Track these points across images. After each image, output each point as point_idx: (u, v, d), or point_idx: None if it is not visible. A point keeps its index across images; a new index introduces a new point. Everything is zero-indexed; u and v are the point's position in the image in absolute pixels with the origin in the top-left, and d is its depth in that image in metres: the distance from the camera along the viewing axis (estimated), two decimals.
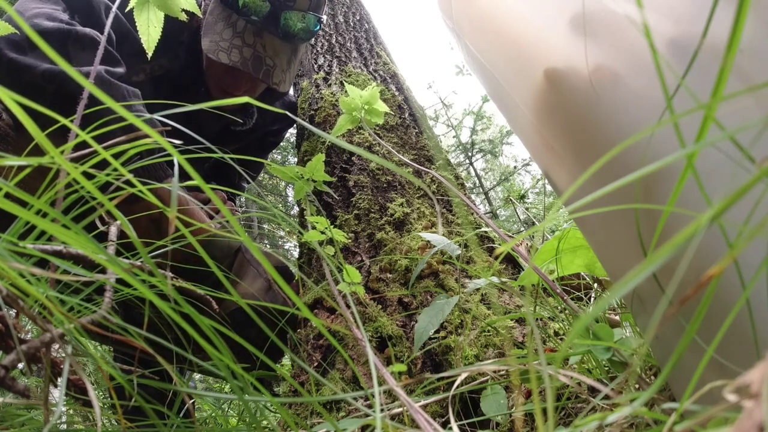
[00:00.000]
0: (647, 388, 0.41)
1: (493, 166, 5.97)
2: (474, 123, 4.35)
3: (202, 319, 0.26)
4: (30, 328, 0.95)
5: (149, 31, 0.59)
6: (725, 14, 0.23)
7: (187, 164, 0.25)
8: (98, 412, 0.28)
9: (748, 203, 0.25)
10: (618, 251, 0.39)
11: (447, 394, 0.46)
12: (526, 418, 0.51)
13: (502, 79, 0.50)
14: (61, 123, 0.29)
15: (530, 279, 0.59)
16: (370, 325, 0.70)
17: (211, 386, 2.07)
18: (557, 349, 0.58)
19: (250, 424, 0.64)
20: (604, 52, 0.35)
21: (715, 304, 0.28)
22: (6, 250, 0.28)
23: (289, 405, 0.69)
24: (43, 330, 0.28)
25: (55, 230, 0.25)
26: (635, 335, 0.46)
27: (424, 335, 0.60)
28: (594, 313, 0.19)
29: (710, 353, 0.23)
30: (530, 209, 3.19)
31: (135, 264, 0.34)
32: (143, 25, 0.59)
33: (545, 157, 0.47)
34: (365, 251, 0.85)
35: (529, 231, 0.43)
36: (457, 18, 0.58)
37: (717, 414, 0.18)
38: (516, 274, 0.84)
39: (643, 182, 0.33)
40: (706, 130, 0.21)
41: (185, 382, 0.94)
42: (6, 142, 0.74)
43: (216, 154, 0.40)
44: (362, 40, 1.44)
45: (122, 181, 0.38)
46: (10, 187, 0.25)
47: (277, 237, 4.97)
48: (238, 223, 0.25)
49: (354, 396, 0.38)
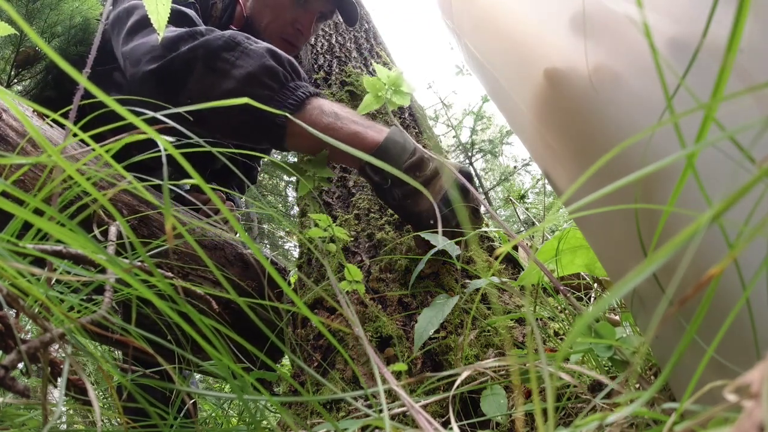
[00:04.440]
0: (648, 387, 0.41)
1: (493, 166, 5.97)
2: (474, 123, 4.35)
3: (202, 318, 0.26)
4: (30, 328, 0.95)
5: (158, 9, 0.57)
6: (725, 14, 0.23)
7: (186, 164, 0.25)
8: (98, 412, 0.28)
9: (748, 203, 0.25)
10: (618, 251, 0.39)
11: (447, 393, 0.46)
12: (526, 418, 0.51)
13: (502, 79, 0.50)
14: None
15: (530, 279, 0.59)
16: (370, 325, 0.70)
17: (211, 386, 2.07)
18: (557, 349, 0.58)
19: (250, 424, 0.64)
20: (604, 52, 0.35)
21: (715, 304, 0.28)
22: (6, 250, 0.28)
23: (289, 405, 0.69)
24: (43, 330, 0.28)
25: (54, 229, 0.25)
26: (635, 335, 0.46)
27: (424, 335, 0.60)
28: (594, 313, 0.19)
29: (710, 353, 0.23)
30: (530, 209, 3.19)
31: (135, 264, 0.34)
32: (151, 4, 0.57)
33: (545, 157, 0.47)
34: (365, 251, 0.85)
35: (529, 231, 0.43)
36: (457, 18, 0.58)
37: (717, 414, 0.18)
38: (516, 274, 0.84)
39: (643, 182, 0.33)
40: (706, 130, 0.21)
41: (186, 382, 0.94)
42: (6, 142, 0.74)
43: (221, 149, 0.40)
44: (362, 40, 1.44)
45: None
46: (8, 186, 0.25)
47: (277, 237, 4.97)
48: (238, 221, 0.25)
49: (354, 396, 0.38)
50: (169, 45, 0.81)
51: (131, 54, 0.86)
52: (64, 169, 0.24)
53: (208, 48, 0.79)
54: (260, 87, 0.77)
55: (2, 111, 0.74)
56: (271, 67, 0.78)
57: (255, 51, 0.80)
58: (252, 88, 0.77)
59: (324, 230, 0.74)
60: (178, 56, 0.80)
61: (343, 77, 1.25)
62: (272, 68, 0.78)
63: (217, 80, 0.78)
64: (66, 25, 1.23)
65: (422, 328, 0.61)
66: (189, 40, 0.81)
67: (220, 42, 0.80)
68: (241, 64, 0.78)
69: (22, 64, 1.34)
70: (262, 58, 0.78)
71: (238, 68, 0.78)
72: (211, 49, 0.79)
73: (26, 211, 0.23)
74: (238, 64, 0.78)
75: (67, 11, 1.23)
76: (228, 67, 0.78)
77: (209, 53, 0.79)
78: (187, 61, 0.79)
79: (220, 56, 0.79)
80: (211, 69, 0.79)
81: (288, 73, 0.80)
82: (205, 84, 0.79)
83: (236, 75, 0.78)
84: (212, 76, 0.79)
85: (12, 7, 0.24)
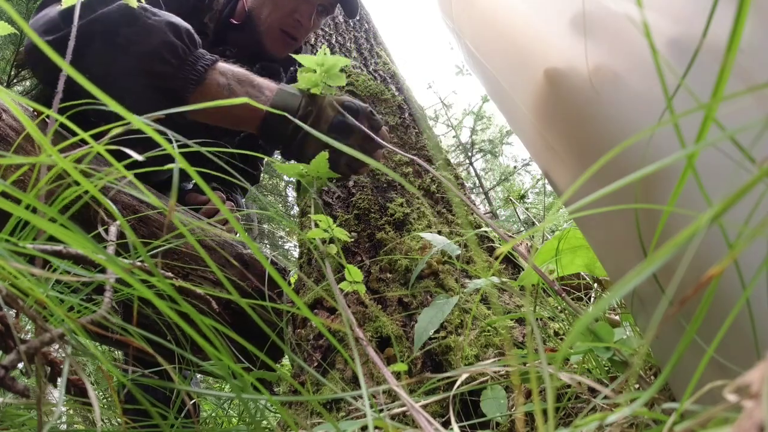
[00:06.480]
0: (647, 387, 0.41)
1: (493, 166, 5.97)
2: (474, 123, 4.35)
3: (202, 318, 0.26)
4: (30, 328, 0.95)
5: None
6: (725, 14, 0.23)
7: (186, 163, 0.25)
8: (98, 412, 0.28)
9: (748, 203, 0.25)
10: (618, 251, 0.39)
11: (447, 394, 0.46)
12: (527, 418, 0.51)
13: (502, 79, 0.50)
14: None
15: (530, 279, 0.59)
16: (370, 325, 0.70)
17: (211, 386, 2.07)
18: (557, 349, 0.58)
19: (250, 424, 0.64)
20: (604, 52, 0.35)
21: (715, 304, 0.28)
22: (6, 250, 0.28)
23: (289, 405, 0.69)
24: (42, 330, 0.28)
25: (54, 229, 0.25)
26: (635, 335, 0.46)
27: (424, 335, 0.60)
28: (594, 313, 0.19)
29: (710, 353, 0.23)
30: (530, 209, 3.19)
31: (135, 264, 0.34)
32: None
33: (545, 157, 0.47)
34: (365, 251, 0.85)
35: (529, 231, 0.43)
36: (457, 18, 0.58)
37: (717, 414, 0.18)
38: (516, 274, 0.84)
39: (644, 182, 0.33)
40: (706, 130, 0.21)
41: (187, 383, 0.94)
42: (6, 142, 0.74)
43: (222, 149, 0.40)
44: (362, 40, 1.44)
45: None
46: (7, 185, 0.25)
47: (277, 237, 4.97)
48: (238, 221, 0.25)
49: (354, 395, 0.38)
50: (67, 16, 0.79)
51: (33, 25, 0.84)
52: (54, 167, 0.24)
53: (105, 23, 0.78)
54: (161, 63, 0.77)
55: (2, 111, 0.74)
56: (171, 42, 0.78)
57: (154, 26, 0.79)
58: (152, 65, 0.77)
59: (325, 231, 0.74)
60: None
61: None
62: (172, 44, 0.78)
63: (116, 57, 0.77)
64: None
65: (422, 328, 0.61)
66: (86, 12, 0.78)
67: (117, 16, 0.78)
68: (140, 40, 0.77)
69: (22, 64, 1.34)
70: (162, 34, 0.78)
71: (137, 44, 0.77)
72: (110, 24, 0.78)
73: (22, 209, 0.23)
74: (137, 40, 0.77)
75: None
76: (127, 43, 0.77)
77: (107, 28, 0.78)
78: (84, 34, 0.76)
79: (119, 31, 0.78)
80: (109, 45, 0.78)
81: (186, 46, 0.80)
82: (104, 60, 0.78)
83: (136, 51, 0.77)
84: (111, 53, 0.78)
85: (12, 7, 0.24)
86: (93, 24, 0.78)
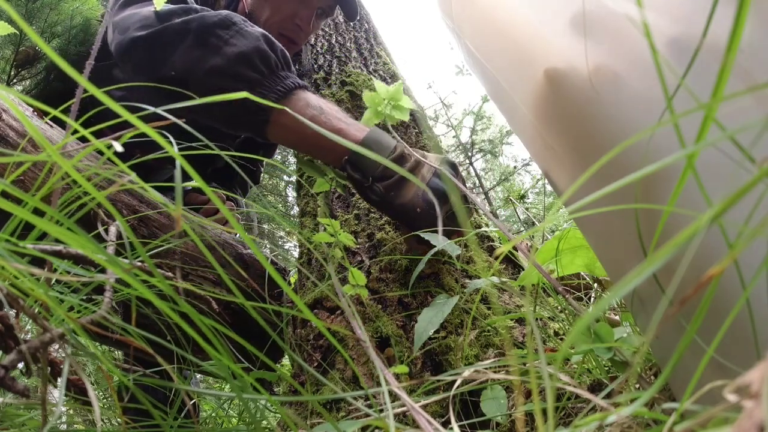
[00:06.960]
0: (648, 387, 0.41)
1: (493, 166, 5.97)
2: (474, 123, 4.35)
3: (201, 318, 0.26)
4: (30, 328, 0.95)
5: None
6: (725, 14, 0.23)
7: (186, 164, 0.25)
8: (98, 412, 0.28)
9: (748, 203, 0.25)
10: (618, 251, 0.39)
11: (447, 394, 0.46)
12: (527, 418, 0.51)
13: (502, 79, 0.50)
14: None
15: (530, 279, 0.59)
16: (370, 325, 0.70)
17: (211, 386, 2.07)
18: (557, 349, 0.58)
19: (250, 424, 0.64)
20: (604, 52, 0.35)
21: (715, 304, 0.28)
22: (6, 250, 0.28)
23: (289, 405, 0.69)
24: (43, 330, 0.28)
25: (54, 229, 0.25)
26: (635, 335, 0.46)
27: (424, 335, 0.60)
28: (594, 313, 0.19)
29: (710, 353, 0.23)
30: (530, 209, 3.19)
31: (134, 264, 0.34)
32: None
33: (545, 157, 0.47)
34: (365, 251, 0.85)
35: (529, 231, 0.43)
36: (457, 18, 0.58)
37: (717, 414, 0.18)
38: (516, 274, 0.84)
39: (644, 182, 0.33)
40: (706, 130, 0.21)
41: (187, 383, 0.94)
42: (6, 142, 0.74)
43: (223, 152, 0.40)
44: (362, 40, 1.44)
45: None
46: (8, 186, 0.25)
47: (277, 237, 4.97)
48: (238, 221, 0.25)
49: (354, 396, 0.38)
50: (164, 16, 0.80)
51: (121, 22, 0.84)
52: (63, 167, 0.24)
53: (202, 22, 0.78)
54: (250, 68, 0.76)
55: (2, 111, 0.74)
56: (264, 51, 0.77)
57: (250, 33, 0.78)
58: (241, 68, 0.75)
59: (331, 235, 0.74)
60: (171, 26, 0.79)
61: (343, 77, 1.25)
62: (265, 52, 0.77)
63: (205, 55, 0.77)
64: (66, 25, 1.23)
65: (422, 328, 0.61)
66: (183, 14, 0.80)
67: (215, 19, 0.79)
68: (235, 43, 0.77)
69: (22, 63, 1.34)
70: (257, 41, 0.77)
71: (230, 46, 0.77)
72: (206, 24, 0.78)
73: (24, 210, 0.23)
74: (232, 42, 0.77)
75: (67, 11, 1.23)
76: (220, 43, 0.77)
77: (203, 27, 0.78)
78: (179, 32, 0.78)
79: (214, 32, 0.78)
80: (201, 43, 0.77)
81: (279, 62, 0.79)
82: (192, 57, 0.77)
83: (227, 52, 0.76)
84: (201, 50, 0.77)
85: (12, 7, 0.24)
86: (189, 22, 0.78)
